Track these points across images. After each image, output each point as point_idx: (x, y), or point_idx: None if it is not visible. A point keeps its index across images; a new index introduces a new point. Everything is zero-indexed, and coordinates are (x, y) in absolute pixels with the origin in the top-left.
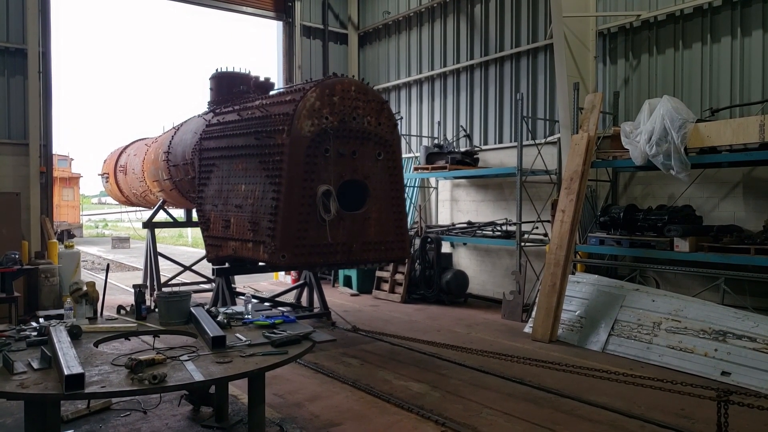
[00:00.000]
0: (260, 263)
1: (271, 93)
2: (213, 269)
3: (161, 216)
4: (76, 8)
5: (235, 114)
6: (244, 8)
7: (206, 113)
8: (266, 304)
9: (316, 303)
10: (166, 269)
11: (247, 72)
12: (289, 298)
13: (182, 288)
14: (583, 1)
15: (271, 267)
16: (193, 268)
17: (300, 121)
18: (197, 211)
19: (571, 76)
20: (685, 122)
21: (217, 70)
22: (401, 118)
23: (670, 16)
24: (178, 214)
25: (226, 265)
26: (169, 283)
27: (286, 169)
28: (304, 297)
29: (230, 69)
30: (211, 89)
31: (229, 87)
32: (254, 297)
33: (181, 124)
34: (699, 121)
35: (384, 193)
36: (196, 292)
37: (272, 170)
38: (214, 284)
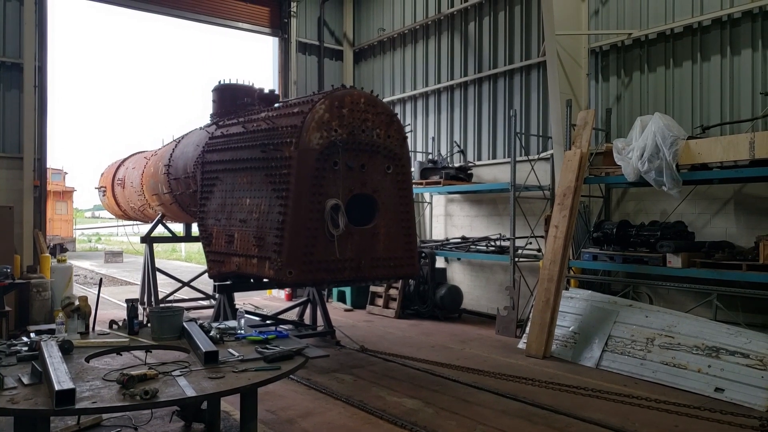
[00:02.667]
0: (265, 280)
1: (277, 105)
2: (214, 286)
3: (159, 230)
4: (74, 22)
5: (239, 126)
6: (241, 24)
7: (209, 126)
8: (268, 322)
9: (320, 321)
10: (163, 284)
11: (250, 84)
12: (292, 315)
13: (181, 305)
14: (575, 19)
15: (277, 284)
16: (192, 284)
17: (308, 134)
18: (199, 225)
19: (563, 93)
20: (677, 139)
21: (219, 82)
22: (411, 131)
23: (660, 35)
24: (177, 228)
25: (229, 281)
26: (168, 299)
27: (294, 183)
28: (307, 315)
29: (232, 81)
30: (213, 101)
31: (232, 99)
32: (256, 315)
33: (182, 137)
34: (690, 138)
35: (393, 208)
36: (194, 308)
37: (279, 183)
38: (213, 301)
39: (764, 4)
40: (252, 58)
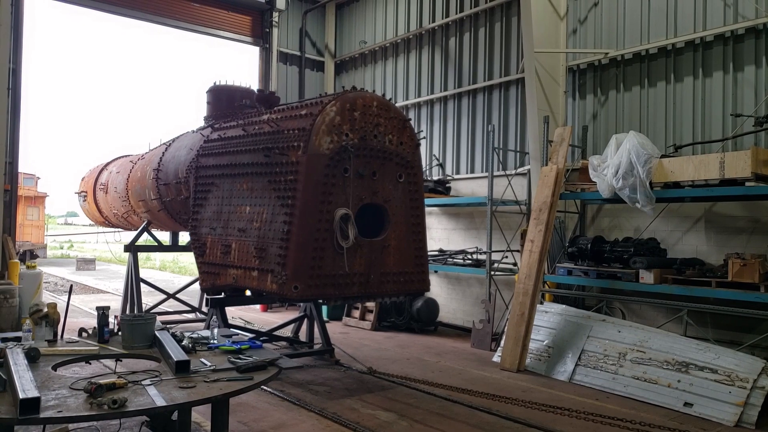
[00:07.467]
0: (265, 294)
1: (280, 107)
2: (207, 299)
3: (143, 238)
4: (58, 30)
5: (239, 129)
6: (222, 33)
7: (203, 128)
8: (262, 338)
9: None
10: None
11: (248, 86)
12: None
13: (167, 318)
14: (554, 38)
15: (280, 299)
16: (176, 295)
17: (318, 137)
18: (191, 234)
19: (541, 109)
20: (650, 157)
21: (214, 83)
22: (424, 137)
23: (636, 56)
24: (163, 237)
25: (222, 294)
26: (151, 311)
27: (301, 190)
28: (303, 331)
29: (227, 83)
30: (208, 103)
31: (228, 101)
32: (249, 331)
33: (173, 140)
34: (663, 156)
35: (404, 219)
36: (181, 322)
37: (284, 191)
38: (198, 314)
39: (735, 28)
40: (233, 67)
